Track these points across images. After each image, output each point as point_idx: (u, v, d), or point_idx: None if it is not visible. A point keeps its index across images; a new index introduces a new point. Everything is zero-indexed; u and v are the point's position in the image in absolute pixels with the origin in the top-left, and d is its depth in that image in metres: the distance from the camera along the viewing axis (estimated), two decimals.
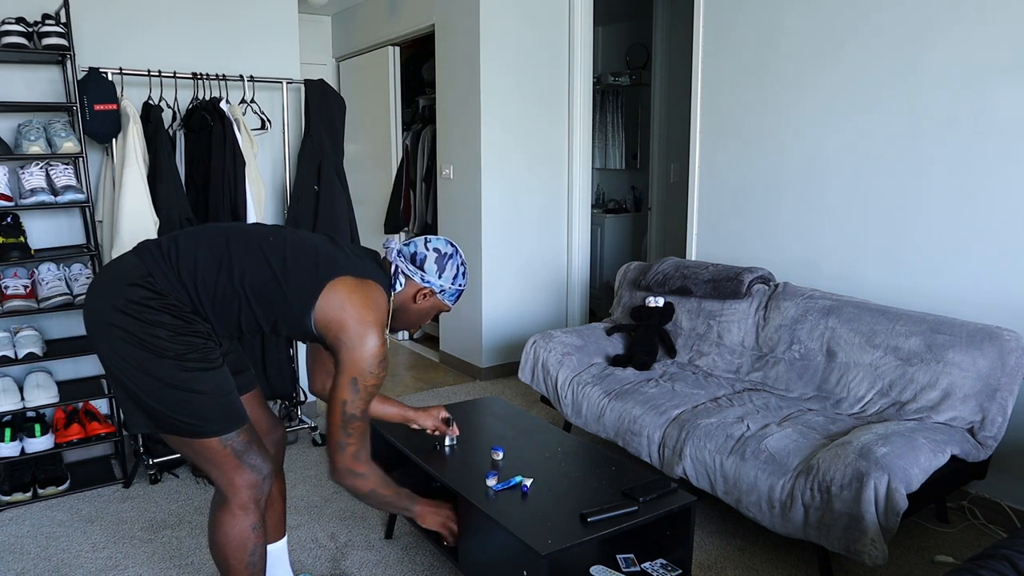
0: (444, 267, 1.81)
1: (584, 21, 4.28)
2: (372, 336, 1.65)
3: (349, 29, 5.59)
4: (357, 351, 1.65)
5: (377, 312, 1.69)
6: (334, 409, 1.69)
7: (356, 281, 1.71)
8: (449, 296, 1.85)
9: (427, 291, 1.81)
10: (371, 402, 1.71)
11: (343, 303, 1.67)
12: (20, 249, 2.72)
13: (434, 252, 1.81)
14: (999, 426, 2.38)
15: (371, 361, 1.65)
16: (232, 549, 1.79)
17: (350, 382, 1.66)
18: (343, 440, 1.70)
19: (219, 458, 1.74)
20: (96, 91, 2.75)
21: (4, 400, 2.74)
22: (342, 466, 1.72)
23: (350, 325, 1.66)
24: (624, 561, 2.00)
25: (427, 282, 1.81)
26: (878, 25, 2.89)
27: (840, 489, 2.08)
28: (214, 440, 1.71)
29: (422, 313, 1.86)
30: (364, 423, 1.71)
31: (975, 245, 2.67)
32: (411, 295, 1.82)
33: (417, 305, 1.84)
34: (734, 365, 3.07)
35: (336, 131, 3.31)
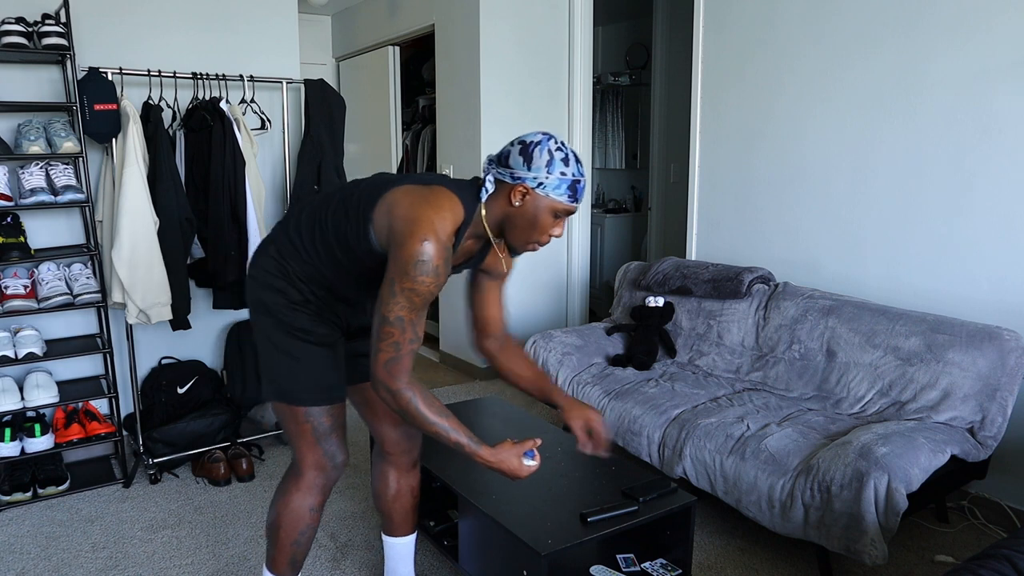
0: (531, 156, 1.53)
1: (584, 21, 4.28)
2: (418, 235, 1.47)
3: (349, 29, 5.59)
4: (401, 249, 1.49)
5: (433, 212, 1.50)
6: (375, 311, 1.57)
7: (415, 187, 1.58)
8: (553, 188, 1.54)
9: (520, 188, 1.54)
10: (414, 312, 1.52)
11: (393, 205, 1.55)
12: (20, 249, 2.72)
13: (518, 144, 1.56)
14: (999, 426, 2.38)
15: (411, 262, 1.47)
16: (284, 521, 1.82)
17: (389, 282, 1.51)
18: (375, 345, 1.55)
19: (300, 430, 1.76)
20: (96, 91, 2.75)
21: (4, 400, 2.74)
22: (375, 375, 1.55)
23: (397, 224, 1.52)
24: (624, 561, 2.00)
25: (517, 179, 1.55)
26: (879, 26, 2.89)
27: (840, 489, 2.08)
28: (300, 410, 1.74)
29: (529, 218, 1.57)
30: (398, 331, 1.52)
31: (975, 245, 2.67)
32: (506, 199, 1.57)
33: (517, 208, 1.57)
34: (734, 365, 3.07)
35: (336, 131, 3.31)
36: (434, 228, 1.48)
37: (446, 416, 1.57)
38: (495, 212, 1.60)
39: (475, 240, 1.67)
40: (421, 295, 1.50)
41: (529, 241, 1.61)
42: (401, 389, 1.54)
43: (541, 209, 1.55)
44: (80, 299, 2.83)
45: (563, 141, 1.59)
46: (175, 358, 3.38)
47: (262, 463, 3.19)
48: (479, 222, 1.62)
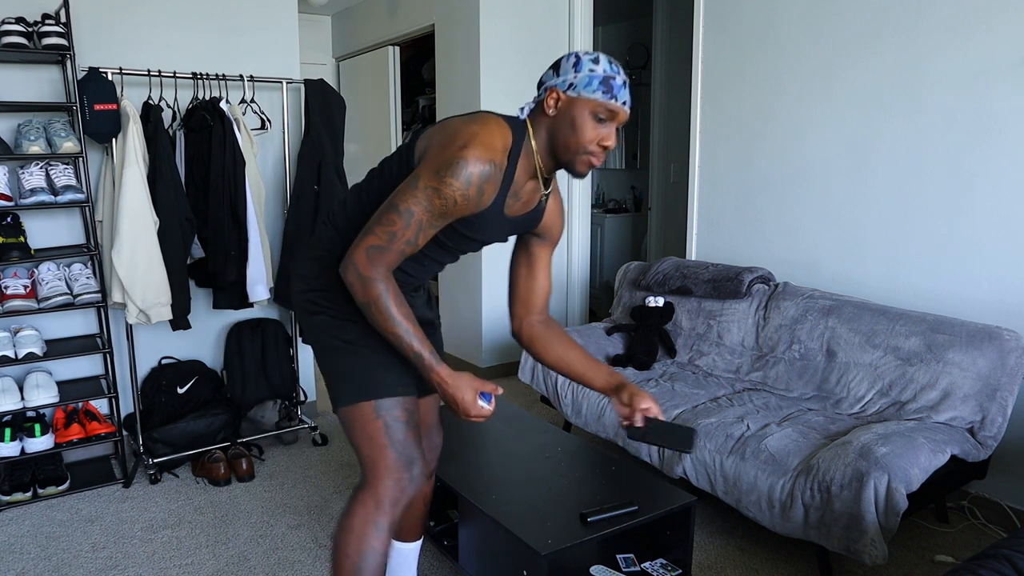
0: (559, 64, 1.49)
1: (584, 21, 4.28)
2: (458, 141, 1.41)
3: (349, 29, 5.59)
4: (437, 151, 1.43)
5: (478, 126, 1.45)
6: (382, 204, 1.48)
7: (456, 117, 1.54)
8: (584, 87, 1.45)
9: (553, 93, 1.48)
10: (427, 213, 1.43)
11: (434, 132, 1.50)
12: (20, 249, 2.72)
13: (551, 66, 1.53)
14: (999, 426, 2.38)
15: (445, 163, 1.39)
16: (348, 542, 1.60)
17: (413, 176, 1.43)
18: (370, 227, 1.45)
19: (370, 431, 1.57)
20: (96, 91, 2.75)
21: (4, 400, 2.74)
22: (352, 255, 1.45)
23: (437, 139, 1.47)
24: (624, 561, 2.00)
25: (548, 86, 1.50)
26: (879, 26, 2.89)
27: (840, 489, 2.08)
28: (368, 408, 1.57)
29: (568, 121, 1.48)
30: (401, 223, 1.43)
31: (975, 245, 2.67)
32: (543, 112, 1.51)
33: (556, 116, 1.49)
34: (734, 365, 3.07)
35: (336, 131, 3.31)
36: (478, 138, 1.42)
37: (412, 322, 1.47)
38: (541, 133, 1.52)
39: (533, 181, 1.58)
40: (444, 198, 1.41)
41: (578, 151, 1.49)
42: (375, 278, 1.44)
43: (578, 111, 1.47)
44: (80, 299, 2.83)
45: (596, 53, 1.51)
46: (175, 358, 3.38)
47: (262, 463, 3.19)
48: (528, 148, 1.52)
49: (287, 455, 3.27)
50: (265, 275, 3.15)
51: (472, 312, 4.41)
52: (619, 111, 1.47)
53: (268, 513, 2.74)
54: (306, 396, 3.61)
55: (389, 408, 1.57)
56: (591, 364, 1.74)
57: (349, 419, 1.59)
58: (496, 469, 2.15)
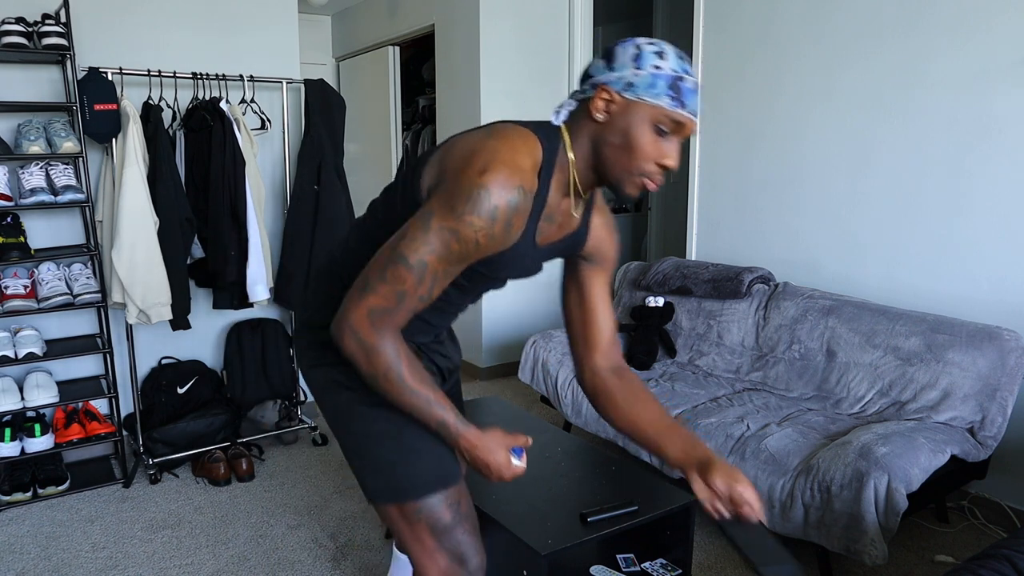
0: (613, 54, 1.17)
1: (584, 21, 4.28)
2: (476, 164, 1.12)
3: (349, 29, 5.59)
4: (452, 178, 1.14)
5: (500, 142, 1.15)
6: (385, 244, 1.20)
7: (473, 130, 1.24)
8: (645, 88, 1.13)
9: (604, 93, 1.15)
10: (443, 262, 1.16)
11: (448, 149, 1.21)
12: (20, 249, 2.72)
13: (603, 54, 1.21)
14: (999, 426, 2.38)
15: (462, 193, 1.11)
16: None
17: (423, 215, 1.15)
18: (371, 283, 1.17)
19: (413, 533, 1.34)
20: (96, 91, 2.75)
21: (4, 400, 2.74)
22: (348, 318, 1.19)
23: (450, 162, 1.17)
24: (624, 561, 2.00)
25: (598, 83, 1.17)
26: (879, 26, 2.89)
27: (840, 489, 2.08)
28: (408, 507, 1.33)
29: (621, 133, 1.16)
30: (412, 279, 1.16)
31: (975, 245, 2.67)
32: (588, 116, 1.19)
33: (604, 124, 1.17)
34: (734, 365, 3.07)
35: (336, 131, 3.31)
36: (499, 158, 1.12)
37: (430, 387, 1.23)
38: (582, 142, 1.21)
39: (568, 198, 1.27)
40: (463, 241, 1.13)
41: (631, 170, 1.17)
42: (382, 346, 1.18)
43: (635, 120, 1.14)
44: (80, 299, 2.83)
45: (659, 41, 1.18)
46: (175, 358, 3.38)
47: (262, 463, 3.19)
48: (563, 160, 1.21)
49: (287, 455, 3.27)
50: (265, 275, 3.15)
51: (472, 312, 4.41)
52: (687, 123, 1.15)
53: (268, 513, 2.74)
54: (306, 396, 3.61)
55: (432, 507, 1.33)
56: (668, 429, 1.36)
57: (388, 516, 1.37)
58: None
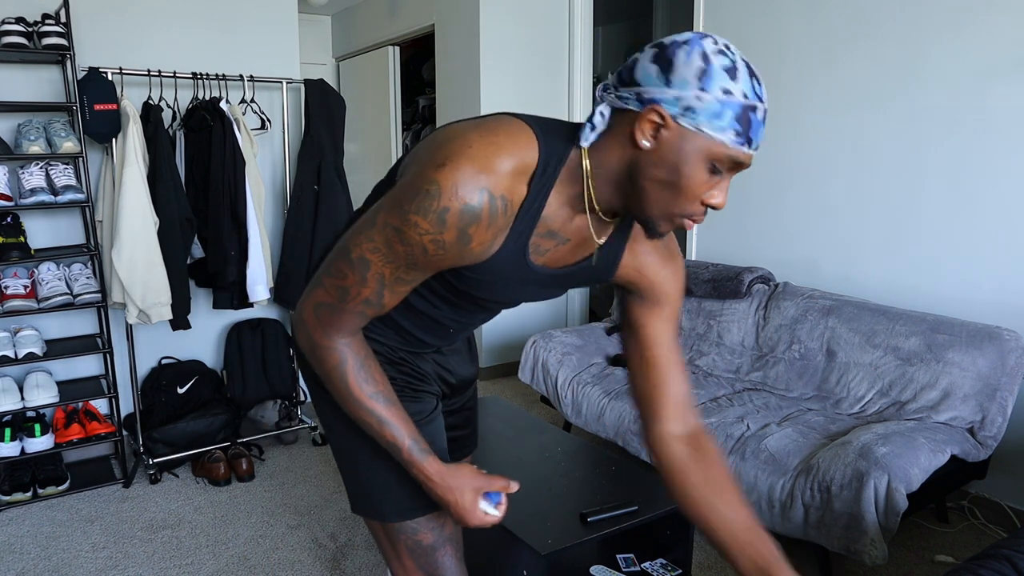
0: (671, 63, 0.90)
1: (584, 21, 4.28)
2: (437, 159, 0.93)
3: (349, 29, 5.59)
4: (414, 170, 0.97)
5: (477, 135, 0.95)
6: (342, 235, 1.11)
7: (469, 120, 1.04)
8: (708, 118, 0.89)
9: (652, 116, 0.90)
10: (387, 266, 1.00)
11: (437, 131, 1.02)
12: (20, 249, 2.72)
13: (652, 49, 0.93)
14: (999, 426, 2.38)
15: (412, 190, 0.94)
16: None
17: (374, 209, 1.00)
18: (319, 275, 1.07)
19: (390, 549, 1.28)
20: (96, 91, 2.75)
21: (4, 400, 2.74)
22: (301, 310, 1.09)
23: (419, 153, 1.00)
24: (624, 561, 2.00)
25: (649, 100, 0.91)
26: (879, 25, 2.89)
27: (840, 489, 2.08)
28: (388, 525, 1.25)
29: (668, 167, 0.92)
30: (354, 277, 1.02)
31: (975, 245, 2.67)
32: (628, 137, 0.94)
33: (649, 152, 0.92)
34: (734, 365, 3.07)
35: (336, 131, 3.31)
36: (468, 153, 0.92)
37: (385, 401, 1.09)
38: (609, 163, 0.96)
39: (583, 215, 1.03)
40: (407, 243, 0.96)
41: (672, 210, 0.95)
42: (328, 346, 1.07)
43: (688, 154, 0.91)
44: (80, 299, 2.83)
45: (728, 43, 0.92)
46: (175, 358, 3.38)
47: (262, 463, 3.19)
48: (576, 173, 0.98)
49: (287, 455, 3.27)
50: (265, 275, 3.15)
51: None
52: (746, 162, 0.93)
53: (268, 513, 2.74)
54: (306, 396, 3.61)
55: (414, 530, 1.24)
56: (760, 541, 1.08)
57: (369, 526, 1.31)
58: (496, 469, 2.15)
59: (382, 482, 1.22)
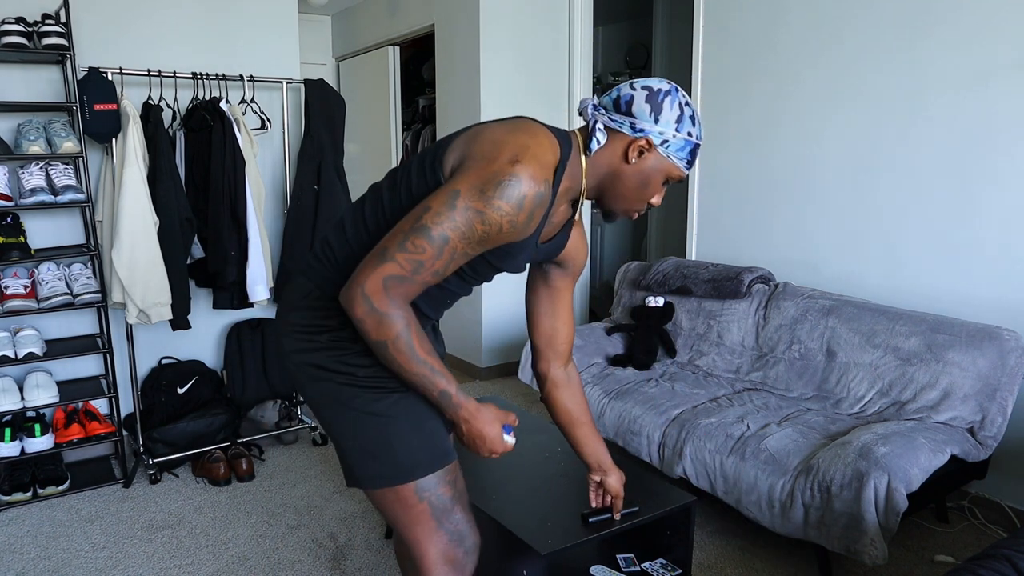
0: (660, 107, 1.28)
1: (584, 21, 4.28)
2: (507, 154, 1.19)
3: (349, 29, 5.59)
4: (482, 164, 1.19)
5: (529, 137, 1.24)
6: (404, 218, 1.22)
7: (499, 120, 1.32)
8: (676, 150, 1.29)
9: (642, 143, 1.28)
10: (464, 242, 1.20)
11: (474, 136, 1.26)
12: (20, 249, 2.72)
13: (642, 90, 1.29)
14: (999, 426, 2.38)
15: (494, 179, 1.17)
16: None
17: (450, 192, 1.18)
18: (389, 251, 1.19)
19: (414, 516, 1.35)
20: (96, 91, 2.75)
21: (4, 400, 2.74)
22: (362, 283, 1.19)
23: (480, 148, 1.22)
24: (624, 561, 2.00)
25: (639, 131, 1.28)
26: (878, 25, 2.89)
27: (840, 489, 2.08)
28: (408, 489, 1.34)
29: (641, 178, 1.31)
30: (432, 251, 1.18)
31: (975, 245, 2.67)
32: (620, 152, 1.30)
33: (632, 166, 1.30)
34: (734, 365, 3.07)
35: (336, 131, 3.31)
36: (530, 152, 1.20)
37: (435, 357, 1.26)
38: (600, 167, 1.32)
39: (567, 205, 1.38)
40: (488, 223, 1.18)
41: (633, 207, 1.35)
42: (393, 314, 1.19)
43: (656, 171, 1.31)
44: (80, 299, 2.83)
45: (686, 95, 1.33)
46: (175, 358, 3.38)
47: (262, 463, 3.19)
48: (576, 174, 1.32)
49: (287, 455, 3.27)
50: (265, 275, 3.15)
51: (472, 312, 4.40)
52: (683, 178, 1.35)
53: (268, 513, 2.74)
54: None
55: (433, 487, 1.35)
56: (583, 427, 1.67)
57: (385, 501, 1.37)
58: (496, 469, 2.15)
59: (409, 444, 1.33)
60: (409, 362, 1.23)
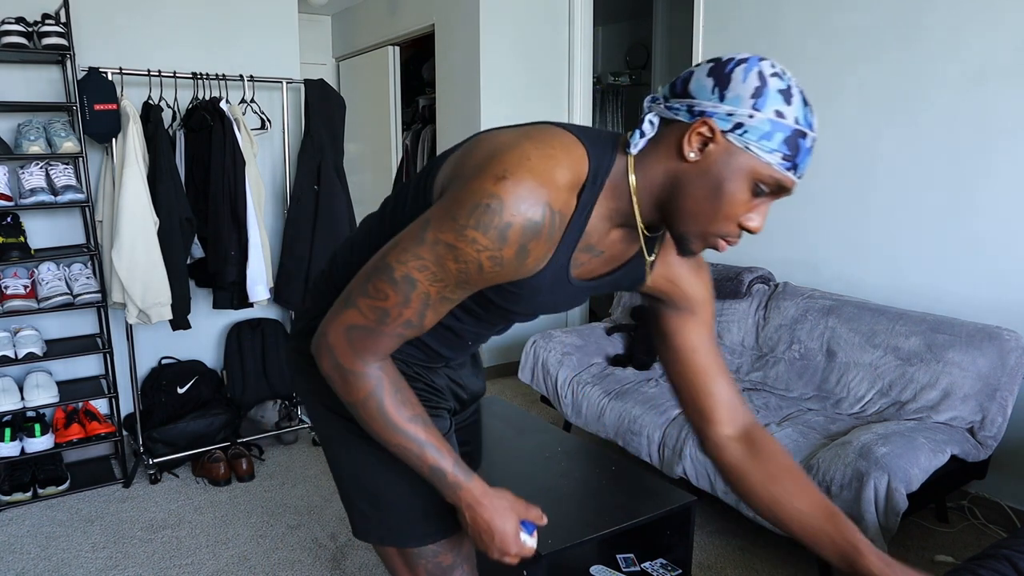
0: (728, 78, 0.90)
1: (584, 21, 4.28)
2: (494, 169, 0.89)
3: (349, 29, 5.59)
4: (460, 184, 0.92)
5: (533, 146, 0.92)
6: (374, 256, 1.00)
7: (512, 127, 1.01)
8: (759, 137, 0.88)
9: (704, 128, 0.90)
10: (435, 284, 0.94)
11: (474, 145, 0.99)
12: (20, 249, 2.72)
13: (708, 63, 0.93)
14: (999, 426, 2.38)
15: (467, 202, 0.89)
16: None
17: (420, 223, 0.94)
18: (352, 295, 0.99)
19: (407, 572, 1.22)
20: (96, 91, 2.75)
21: (4, 400, 2.74)
22: (327, 334, 1.01)
23: (470, 161, 0.95)
24: (624, 561, 2.00)
25: (699, 112, 0.91)
26: (878, 25, 2.89)
27: (840, 489, 2.08)
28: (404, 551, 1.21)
29: (710, 182, 0.91)
30: (397, 298, 0.95)
31: (976, 245, 2.67)
32: (674, 147, 0.93)
33: (694, 165, 0.92)
34: (734, 365, 3.07)
35: (336, 131, 3.31)
36: (527, 165, 0.89)
37: (422, 424, 1.03)
38: (653, 176, 0.95)
39: (622, 228, 1.01)
40: (462, 261, 0.91)
41: (708, 228, 0.94)
42: (361, 371, 0.99)
43: (734, 171, 0.90)
44: (80, 299, 2.83)
45: (784, 69, 0.92)
46: (175, 358, 3.38)
47: (262, 463, 3.19)
48: (622, 191, 0.96)
49: (287, 455, 3.27)
50: (265, 275, 3.15)
51: None
52: (790, 187, 0.92)
53: (268, 513, 2.74)
54: None
55: (430, 555, 1.19)
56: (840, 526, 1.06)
57: (382, 554, 1.24)
58: (496, 469, 2.15)
59: (403, 505, 1.17)
60: (385, 430, 1.02)
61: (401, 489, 1.16)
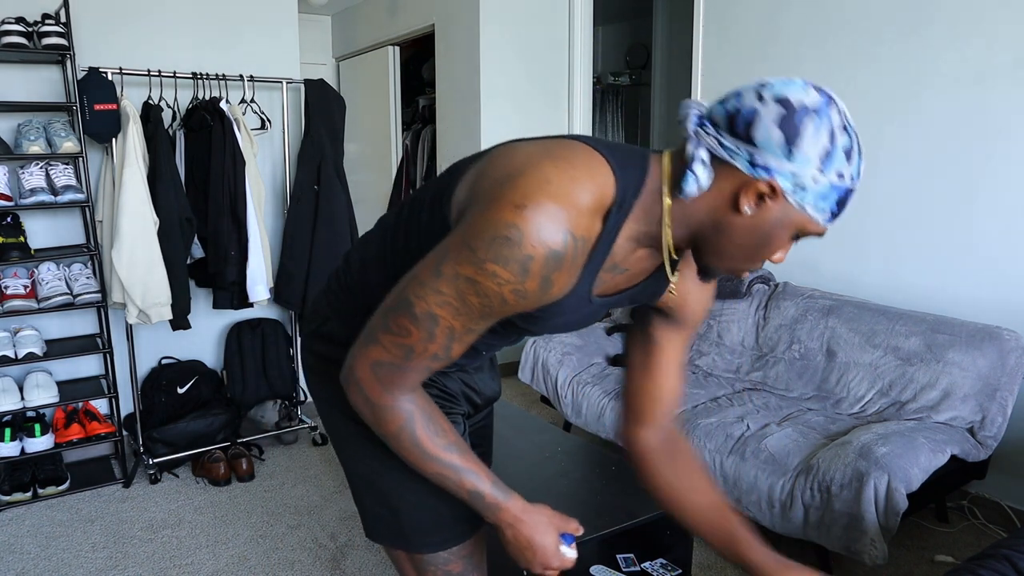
0: (799, 134, 0.85)
1: (584, 21, 4.28)
2: (513, 196, 0.85)
3: (349, 29, 5.59)
4: (478, 212, 0.88)
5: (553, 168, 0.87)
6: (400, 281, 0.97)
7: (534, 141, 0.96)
8: (816, 199, 0.88)
9: (762, 186, 0.86)
10: (459, 318, 0.91)
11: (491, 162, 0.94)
12: (20, 249, 2.72)
13: (777, 105, 0.86)
14: (999, 426, 2.38)
15: (487, 232, 0.85)
16: None
17: (437, 255, 0.91)
18: (375, 331, 0.96)
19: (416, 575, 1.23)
20: (96, 91, 2.75)
21: (4, 400, 2.74)
22: (354, 370, 0.99)
23: (485, 183, 0.91)
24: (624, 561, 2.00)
25: (761, 169, 0.86)
26: (877, 25, 2.89)
27: (840, 489, 2.08)
28: (415, 556, 1.21)
29: (758, 235, 0.90)
30: (421, 334, 0.93)
31: (976, 245, 2.67)
32: (727, 197, 0.89)
33: (746, 219, 0.89)
34: (734, 365, 3.07)
35: (336, 131, 3.31)
36: (551, 190, 0.84)
37: (457, 450, 1.03)
38: (695, 214, 0.91)
39: (648, 248, 0.98)
40: (484, 295, 0.88)
41: (741, 267, 0.96)
42: (391, 405, 0.99)
43: (781, 226, 0.90)
44: (80, 299, 2.83)
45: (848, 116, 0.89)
46: (175, 358, 3.38)
47: (262, 463, 3.19)
48: (652, 215, 0.93)
49: (287, 455, 3.27)
50: (265, 275, 3.15)
51: None
52: (822, 234, 0.95)
53: (268, 513, 2.74)
54: (306, 396, 3.60)
55: (441, 563, 1.20)
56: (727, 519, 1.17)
57: (391, 555, 1.27)
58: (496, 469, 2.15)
59: (416, 512, 1.16)
60: (420, 460, 1.02)
61: (416, 496, 1.16)
